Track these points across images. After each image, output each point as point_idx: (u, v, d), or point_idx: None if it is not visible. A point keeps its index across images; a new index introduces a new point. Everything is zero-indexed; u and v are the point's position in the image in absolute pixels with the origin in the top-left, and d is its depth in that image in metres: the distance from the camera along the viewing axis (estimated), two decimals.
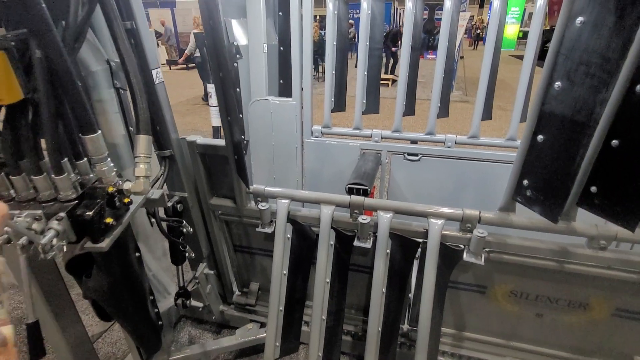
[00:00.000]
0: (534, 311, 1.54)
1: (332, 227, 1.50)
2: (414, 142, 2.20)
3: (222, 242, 1.78)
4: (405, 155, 2.18)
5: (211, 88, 2.41)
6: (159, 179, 1.45)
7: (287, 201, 1.52)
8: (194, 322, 2.15)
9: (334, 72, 2.16)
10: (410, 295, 1.67)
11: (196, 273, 1.70)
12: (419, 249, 1.44)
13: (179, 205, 1.58)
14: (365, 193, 1.76)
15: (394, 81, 10.69)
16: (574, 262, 1.32)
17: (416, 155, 2.16)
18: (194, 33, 6.65)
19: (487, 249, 1.38)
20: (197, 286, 1.72)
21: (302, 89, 2.16)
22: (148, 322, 1.48)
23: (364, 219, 1.41)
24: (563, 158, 1.04)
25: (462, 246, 1.39)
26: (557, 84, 1.00)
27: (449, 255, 1.40)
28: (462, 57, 10.05)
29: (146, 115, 1.00)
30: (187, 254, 1.62)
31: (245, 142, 2.59)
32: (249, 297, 1.96)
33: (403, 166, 2.20)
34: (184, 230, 1.57)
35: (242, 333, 1.85)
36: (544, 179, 1.12)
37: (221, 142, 1.46)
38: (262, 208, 1.51)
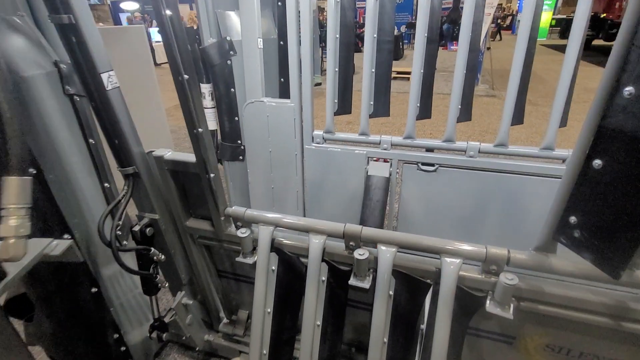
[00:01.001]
0: None
1: (324, 260, 1.24)
2: (429, 150, 1.89)
3: (203, 268, 1.56)
4: (419, 165, 1.88)
5: (205, 89, 2.18)
6: (120, 201, 1.24)
7: (270, 228, 1.27)
8: (181, 348, 1.96)
9: (337, 69, 1.88)
10: (420, 338, 1.40)
11: (173, 303, 1.49)
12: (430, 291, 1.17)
13: (148, 230, 1.36)
14: None
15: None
16: (636, 321, 1.00)
17: (432, 165, 1.86)
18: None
19: (516, 297, 1.08)
20: (175, 317, 1.52)
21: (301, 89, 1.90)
22: None
23: (360, 254, 1.14)
24: (632, 192, 0.74)
25: (484, 292, 1.10)
26: (628, 89, 0.70)
27: (468, 302, 1.12)
28: (488, 48, 9.45)
29: (18, 148, 0.70)
30: (159, 285, 1.41)
31: (241, 147, 2.38)
32: (236, 326, 1.74)
33: (416, 178, 1.91)
34: (155, 258, 1.36)
35: None
36: (600, 218, 0.82)
37: (191, 157, 1.22)
38: (242, 235, 1.28)
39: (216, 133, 2.38)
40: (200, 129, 1.11)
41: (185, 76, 1.01)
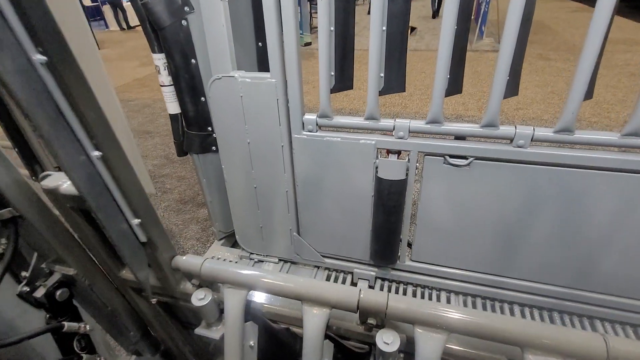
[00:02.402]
0: None
1: (327, 337, 0.81)
2: (459, 137, 1.41)
3: (160, 323, 1.13)
4: (447, 158, 1.41)
5: (157, 60, 1.63)
6: None
7: (242, 292, 0.82)
8: None
9: (332, 28, 1.34)
10: None
11: None
12: None
13: (59, 292, 0.90)
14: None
15: (412, 29, 9.41)
16: None
17: (465, 158, 1.39)
18: None
19: None
20: None
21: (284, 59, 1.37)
22: None
23: (386, 342, 0.70)
24: None
25: None
26: None
27: None
28: None
29: None
30: None
31: (213, 135, 1.86)
32: None
33: (442, 175, 1.44)
34: (77, 330, 0.91)
35: None
36: None
37: None
38: (199, 304, 0.83)
39: (180, 117, 1.86)
40: (96, 152, 0.61)
41: (40, 57, 0.51)
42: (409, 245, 1.77)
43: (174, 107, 1.84)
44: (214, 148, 1.84)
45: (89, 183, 0.61)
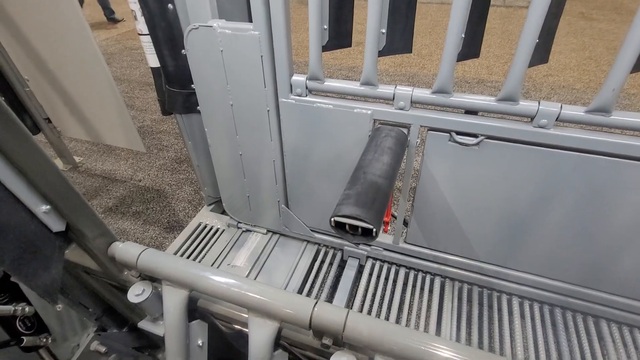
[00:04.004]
0: None
1: (280, 347, 0.70)
2: (470, 112, 1.20)
3: (119, 302, 1.05)
4: (454, 135, 1.21)
5: (133, 3, 1.43)
6: None
7: (183, 292, 0.70)
8: None
9: None
10: None
11: (76, 353, 1.02)
12: None
13: None
14: (370, 234, 0.91)
15: None
16: None
17: (474, 136, 1.19)
18: None
19: None
20: None
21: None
22: None
23: None
24: None
25: None
26: None
27: None
28: None
29: None
30: (40, 342, 0.91)
31: (193, 90, 1.67)
32: None
33: (447, 154, 1.26)
34: (14, 312, 0.83)
35: None
36: None
37: None
38: (136, 300, 0.72)
39: (162, 72, 1.68)
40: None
41: None
42: (405, 224, 1.62)
43: (154, 60, 1.65)
44: (198, 108, 1.67)
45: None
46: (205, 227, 1.97)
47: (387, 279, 1.68)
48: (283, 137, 1.48)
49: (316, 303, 0.60)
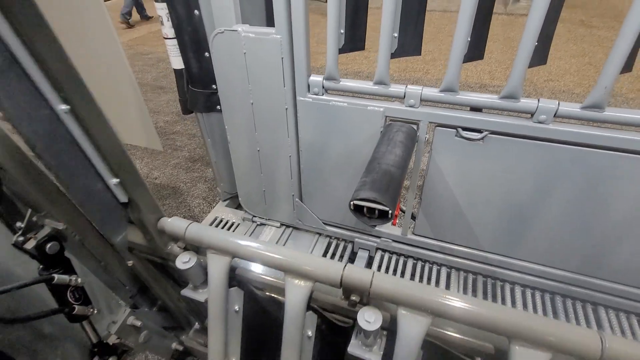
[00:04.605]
0: None
1: (311, 308, 0.79)
2: (475, 109, 1.30)
3: (154, 279, 1.14)
4: (460, 130, 1.31)
5: (160, 9, 1.54)
6: None
7: (226, 258, 0.80)
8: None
9: None
10: None
11: (113, 328, 1.11)
12: None
13: (49, 246, 0.91)
14: (385, 216, 1.00)
15: None
16: None
17: (479, 131, 1.29)
18: None
19: None
20: (121, 340, 1.15)
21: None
22: None
23: (368, 320, 0.68)
24: None
25: None
26: None
27: None
28: None
29: None
30: (84, 313, 1.01)
31: (217, 93, 1.79)
32: None
33: (454, 149, 1.36)
34: (69, 282, 0.93)
35: None
36: None
37: None
38: (183, 267, 0.81)
39: (185, 74, 1.79)
40: (62, 106, 0.57)
41: None
42: (413, 217, 1.72)
43: (178, 62, 1.76)
44: (218, 107, 1.78)
45: (48, 139, 0.57)
46: (221, 221, 2.06)
47: (395, 269, 1.76)
48: (299, 134, 1.58)
49: (345, 265, 0.70)
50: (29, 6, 0.47)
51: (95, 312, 1.04)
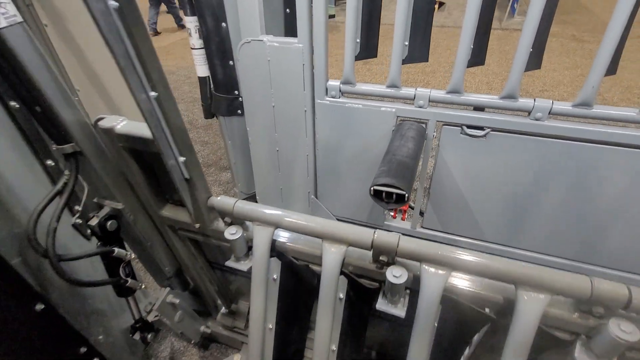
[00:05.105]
0: None
1: (342, 272, 0.92)
2: (478, 108, 1.45)
3: (191, 261, 1.26)
4: (464, 128, 1.46)
5: (190, 23, 1.70)
6: (60, 192, 0.89)
7: (269, 229, 0.92)
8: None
9: None
10: None
11: (156, 303, 1.23)
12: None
13: (109, 223, 1.03)
14: (402, 200, 1.13)
15: (441, 4, 9.07)
16: None
17: (481, 129, 1.44)
18: None
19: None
20: (159, 317, 1.26)
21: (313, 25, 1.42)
22: None
23: (395, 275, 0.80)
24: None
25: (572, 335, 0.77)
26: None
27: (544, 345, 0.80)
28: None
29: None
30: (133, 287, 1.12)
31: (239, 98, 1.95)
32: (237, 318, 1.50)
33: (459, 144, 1.50)
34: (122, 257, 1.05)
35: None
36: None
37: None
38: (231, 237, 0.94)
39: (208, 80, 1.95)
40: (152, 93, 0.71)
41: (113, 3, 0.59)
42: (421, 214, 1.84)
43: (203, 70, 1.92)
44: (239, 112, 1.93)
45: (150, 118, 0.71)
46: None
47: None
48: (317, 134, 1.72)
49: (375, 231, 0.83)
50: (141, 25, 0.62)
51: (143, 286, 1.16)
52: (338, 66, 1.50)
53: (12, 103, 0.86)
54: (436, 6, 7.39)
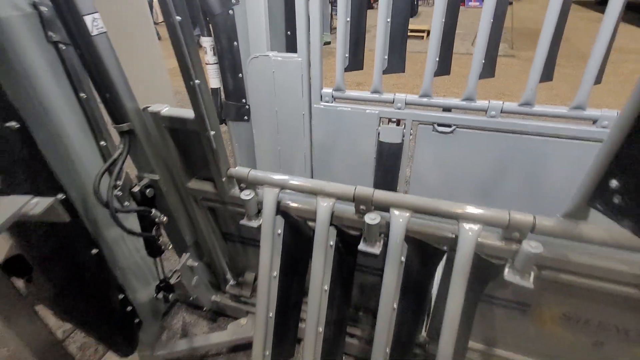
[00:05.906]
0: (591, 339, 1.19)
1: (332, 224, 1.18)
2: (447, 109, 1.76)
3: (208, 231, 1.52)
4: (435, 126, 1.76)
5: (206, 42, 2.03)
6: (116, 159, 1.16)
7: (275, 190, 1.20)
8: (190, 308, 1.98)
9: (348, 19, 1.72)
10: (431, 303, 1.36)
11: (178, 265, 1.47)
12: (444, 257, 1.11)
13: (148, 190, 1.30)
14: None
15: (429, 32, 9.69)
16: None
17: (449, 126, 1.74)
18: None
19: (538, 265, 1.02)
20: (180, 279, 1.50)
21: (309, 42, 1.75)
22: (115, 324, 1.28)
23: (371, 218, 1.07)
24: None
25: (502, 259, 1.03)
26: None
27: (484, 270, 1.06)
28: (511, 3, 8.82)
29: None
30: (162, 247, 1.37)
31: (246, 106, 2.26)
32: (243, 288, 1.73)
33: (432, 140, 1.80)
34: (157, 219, 1.31)
35: (234, 329, 1.65)
36: None
37: (190, 113, 1.13)
38: (246, 198, 1.21)
39: (219, 91, 2.26)
40: (197, 81, 1.00)
41: (178, 18, 0.89)
42: None
43: (215, 82, 2.24)
44: (246, 118, 2.23)
45: (193, 98, 1.00)
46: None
47: None
48: (313, 134, 2.02)
49: (356, 187, 1.10)
50: (191, 34, 0.93)
51: (170, 247, 1.40)
52: (330, 77, 1.82)
53: (82, 94, 1.15)
54: (424, 34, 7.97)
